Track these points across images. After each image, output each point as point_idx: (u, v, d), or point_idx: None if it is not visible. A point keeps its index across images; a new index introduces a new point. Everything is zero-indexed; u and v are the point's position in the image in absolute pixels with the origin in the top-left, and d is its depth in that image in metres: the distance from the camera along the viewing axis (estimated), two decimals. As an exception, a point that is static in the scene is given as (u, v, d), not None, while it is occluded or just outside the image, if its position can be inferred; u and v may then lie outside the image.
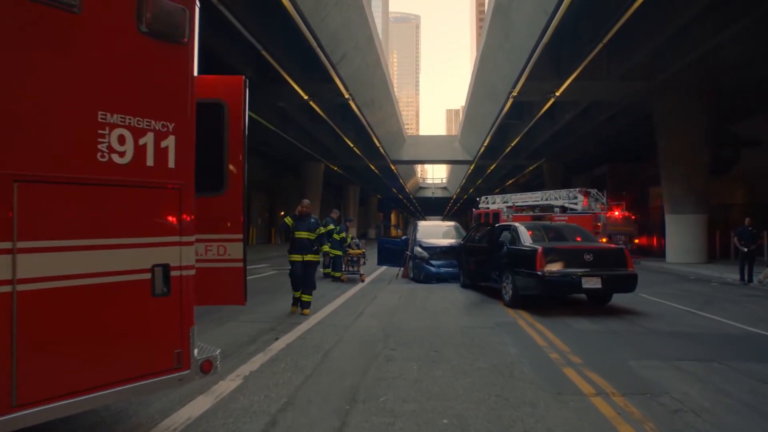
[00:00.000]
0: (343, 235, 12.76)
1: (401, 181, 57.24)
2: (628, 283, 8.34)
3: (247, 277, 4.72)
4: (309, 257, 8.13)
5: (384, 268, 15.33)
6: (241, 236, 4.49)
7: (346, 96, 21.39)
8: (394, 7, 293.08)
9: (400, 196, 75.92)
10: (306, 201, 8.71)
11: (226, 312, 7.84)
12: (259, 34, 15.35)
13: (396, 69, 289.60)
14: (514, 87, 20.58)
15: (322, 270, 12.91)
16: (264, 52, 16.07)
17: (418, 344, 5.99)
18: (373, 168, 44.06)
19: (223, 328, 6.89)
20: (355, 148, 34.24)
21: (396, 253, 14.29)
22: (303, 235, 8.08)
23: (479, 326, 7.08)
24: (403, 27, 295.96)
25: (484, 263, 10.20)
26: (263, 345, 5.97)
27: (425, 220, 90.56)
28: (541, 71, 18.94)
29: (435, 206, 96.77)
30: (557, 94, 20.35)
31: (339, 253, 12.60)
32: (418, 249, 13.32)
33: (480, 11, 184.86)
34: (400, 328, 6.88)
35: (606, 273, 8.10)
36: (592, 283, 7.96)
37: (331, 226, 12.88)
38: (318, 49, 15.93)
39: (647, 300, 9.84)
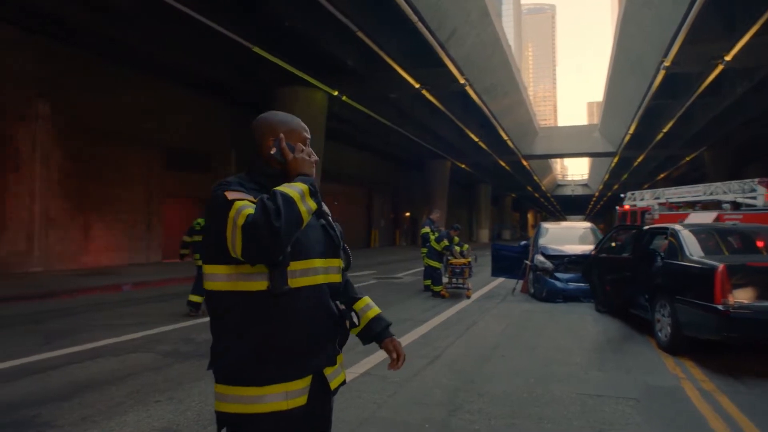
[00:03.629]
0: (445, 243, 10.44)
1: (535, 178, 52.88)
2: None
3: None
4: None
5: (501, 279, 12.72)
6: None
7: (462, 81, 18.93)
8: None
9: (536, 195, 70.86)
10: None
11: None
12: (354, 13, 13.58)
13: (531, 62, 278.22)
14: (666, 54, 16.64)
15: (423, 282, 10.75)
16: (360, 34, 14.26)
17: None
18: (503, 164, 40.78)
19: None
20: (480, 143, 31.51)
21: (514, 261, 11.63)
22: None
23: (615, 396, 4.36)
24: (538, 18, 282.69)
25: (627, 282, 7.26)
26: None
27: (565, 220, 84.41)
28: (704, 29, 14.95)
29: (575, 205, 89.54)
30: (727, 59, 16.06)
31: (436, 264, 10.32)
32: (540, 258, 10.55)
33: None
34: (482, 393, 4.44)
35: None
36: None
37: (427, 229, 10.67)
38: (418, 23, 13.74)
39: None
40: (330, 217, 1.76)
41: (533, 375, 4.95)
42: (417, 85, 19.07)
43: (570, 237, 11.88)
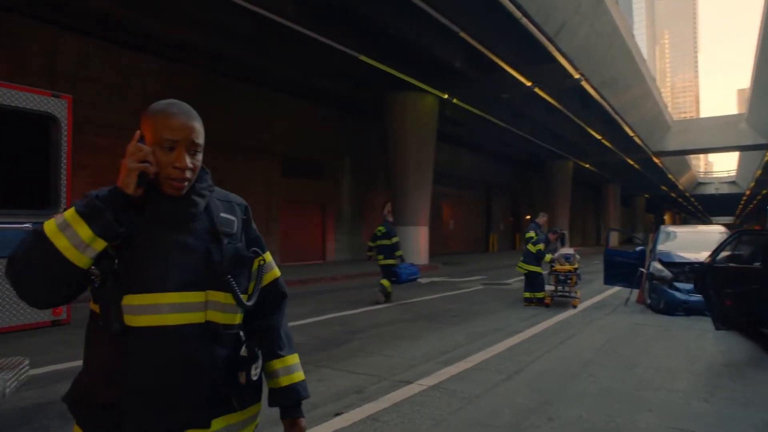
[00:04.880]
0: (541, 246, 9.79)
1: (670, 176, 48.30)
2: None
3: (451, 292, 2.80)
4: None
5: (616, 288, 11.70)
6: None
7: (576, 76, 17.80)
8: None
9: (673, 194, 64.80)
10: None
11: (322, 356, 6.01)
12: (455, 14, 13.33)
13: (668, 51, 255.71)
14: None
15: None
16: (463, 34, 13.98)
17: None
18: (632, 162, 37.77)
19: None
20: (604, 141, 29.46)
21: (629, 269, 10.61)
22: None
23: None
24: (675, 3, 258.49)
25: (756, 297, 6.23)
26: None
27: (710, 222, 76.15)
28: None
29: (721, 205, 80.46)
30: None
31: (536, 269, 9.69)
32: (657, 265, 9.50)
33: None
34: (553, 416, 4.00)
35: None
36: None
37: (531, 233, 10.10)
38: (523, 18, 13.11)
39: None
40: (232, 238, 1.39)
41: (621, 400, 4.40)
42: (528, 83, 18.29)
43: (696, 242, 10.57)
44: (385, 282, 10.14)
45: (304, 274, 15.65)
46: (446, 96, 19.55)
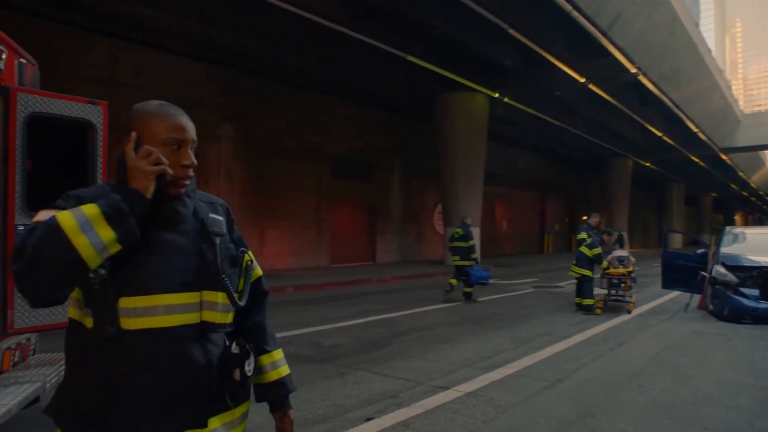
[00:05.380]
0: (598, 250, 9.37)
1: (741, 174, 45.56)
2: None
3: (499, 295, 2.90)
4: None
5: (675, 293, 11.08)
6: None
7: (633, 70, 17.05)
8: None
9: (744, 193, 61.10)
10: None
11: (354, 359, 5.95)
12: (503, 11, 13.03)
13: (740, 40, 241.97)
14: None
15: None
16: (512, 31, 13.66)
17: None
18: (696, 160, 35.86)
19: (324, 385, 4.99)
20: (665, 137, 28.12)
21: (689, 272, 10.01)
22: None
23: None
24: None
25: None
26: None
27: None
28: None
29: (800, 204, 75.20)
30: None
31: (587, 272, 9.29)
32: (721, 269, 8.91)
33: None
34: (595, 430, 3.80)
35: None
36: None
37: (583, 235, 9.72)
38: (573, 12, 12.65)
39: None
40: (223, 238, 1.39)
41: (672, 415, 4.12)
42: (582, 80, 17.69)
43: (765, 243, 9.87)
44: (453, 281, 10.95)
45: (352, 275, 15.72)
46: (497, 95, 19.21)
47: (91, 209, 1.17)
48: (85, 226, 1.14)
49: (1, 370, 3.37)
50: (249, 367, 1.34)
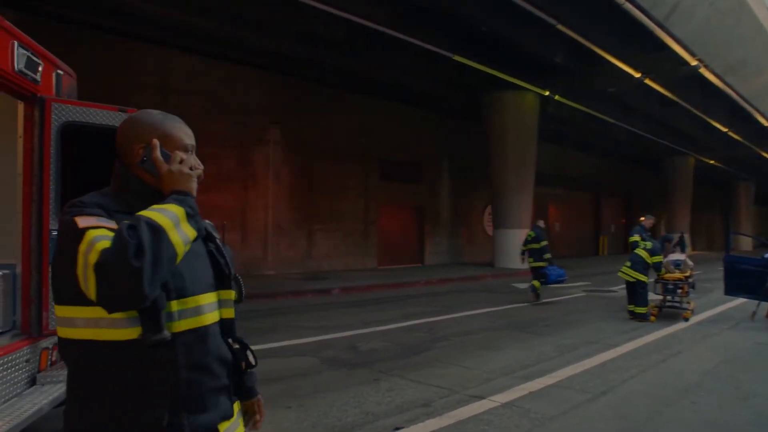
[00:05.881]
0: (660, 258, 8.85)
1: (820, 171, 42.45)
2: None
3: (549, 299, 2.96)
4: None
5: (740, 300, 10.35)
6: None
7: (693, 63, 16.11)
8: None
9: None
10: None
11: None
12: (550, 5, 12.62)
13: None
14: None
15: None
16: (561, 26, 13.20)
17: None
18: (768, 156, 33.72)
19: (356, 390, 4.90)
20: (731, 133, 26.52)
21: (755, 278, 9.32)
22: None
23: None
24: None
25: None
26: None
27: None
28: None
29: None
30: None
31: (641, 277, 8.79)
32: (790, 275, 8.27)
33: None
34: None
35: None
36: None
37: (636, 237, 9.26)
38: (626, 3, 12.03)
39: None
40: (219, 240, 1.46)
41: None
42: (637, 74, 16.92)
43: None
44: (536, 282, 10.92)
45: (398, 277, 15.63)
46: (547, 93, 18.68)
47: (177, 209, 1.23)
48: (177, 225, 1.21)
49: (38, 369, 3.48)
50: (251, 357, 1.45)
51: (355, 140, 18.60)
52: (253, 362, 1.45)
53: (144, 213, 1.19)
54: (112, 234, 1.16)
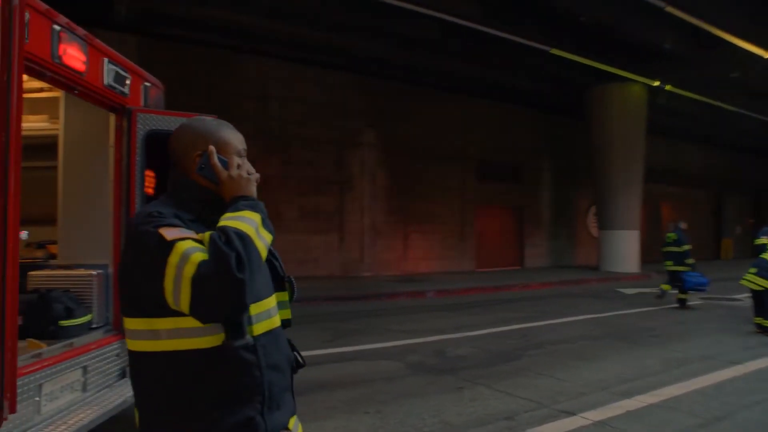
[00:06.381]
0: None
1: None
2: None
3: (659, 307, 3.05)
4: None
5: None
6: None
7: (838, 39, 14.15)
8: None
9: None
10: None
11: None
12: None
13: None
14: None
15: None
16: (670, 8, 12.08)
17: None
18: None
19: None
20: None
21: None
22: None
23: None
24: None
25: None
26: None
27: None
28: None
29: None
30: None
31: (765, 283, 7.78)
32: None
33: None
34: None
35: None
36: None
37: (763, 240, 8.27)
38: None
39: None
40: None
41: None
42: (767, 55, 15.16)
43: None
44: (665, 286, 10.93)
45: (495, 280, 15.19)
46: (657, 83, 17.31)
47: (254, 216, 1.26)
48: (257, 232, 1.24)
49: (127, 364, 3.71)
50: (299, 358, 1.50)
51: (452, 141, 18.37)
52: (302, 362, 1.50)
53: (227, 223, 1.22)
54: (200, 245, 1.17)
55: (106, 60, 3.18)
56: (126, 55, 3.54)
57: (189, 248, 1.15)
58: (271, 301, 1.39)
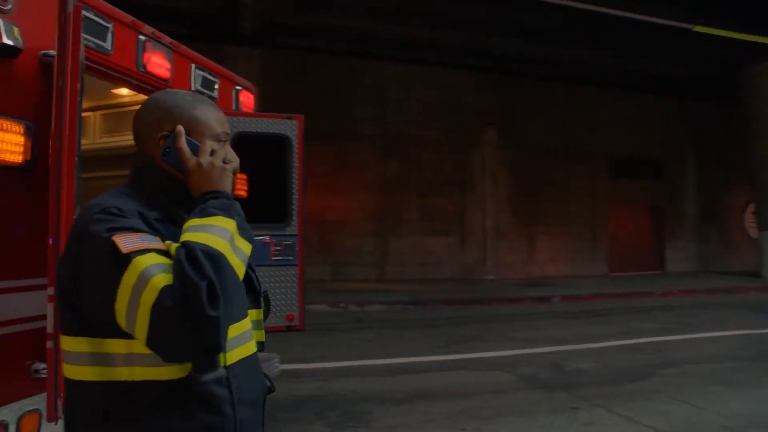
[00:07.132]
0: None
1: None
2: None
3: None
4: None
5: None
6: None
7: None
8: None
9: None
10: None
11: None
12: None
13: None
14: None
15: None
16: None
17: None
18: None
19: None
20: None
21: None
22: None
23: None
24: None
25: None
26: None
27: None
28: None
29: None
30: None
31: None
32: None
33: None
34: None
35: None
36: None
37: None
38: None
39: None
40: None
41: None
42: None
43: None
44: None
45: (631, 286, 13.97)
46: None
47: (227, 223, 1.00)
48: (233, 245, 0.99)
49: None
50: (270, 384, 1.27)
51: (579, 136, 17.23)
52: (272, 388, 1.26)
53: (194, 237, 0.94)
54: (165, 260, 0.93)
55: (193, 66, 3.32)
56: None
57: (149, 267, 0.90)
58: (247, 323, 1.14)
